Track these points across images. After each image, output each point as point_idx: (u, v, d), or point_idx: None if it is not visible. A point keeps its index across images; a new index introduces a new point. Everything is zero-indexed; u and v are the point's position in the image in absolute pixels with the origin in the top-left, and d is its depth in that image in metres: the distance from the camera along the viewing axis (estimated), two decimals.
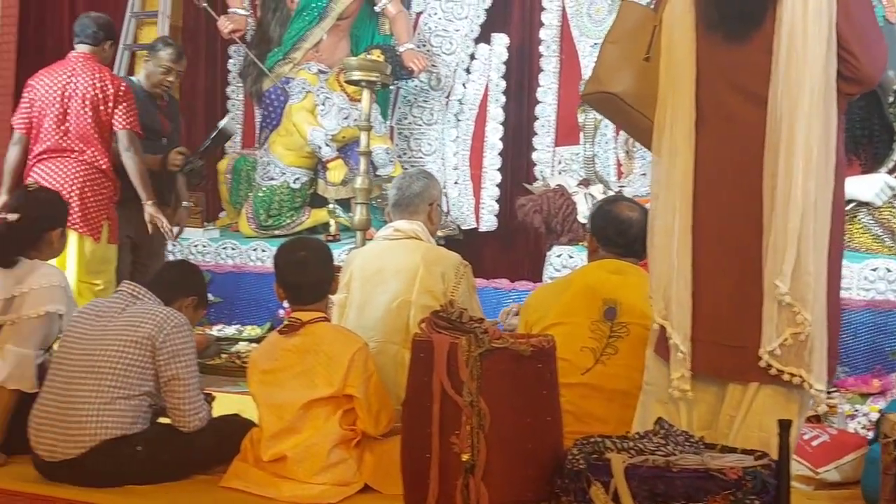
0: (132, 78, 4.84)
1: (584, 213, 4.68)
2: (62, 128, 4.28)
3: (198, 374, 2.85)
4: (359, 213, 4.68)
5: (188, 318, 2.87)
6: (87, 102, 4.28)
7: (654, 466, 2.01)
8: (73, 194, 4.08)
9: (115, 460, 2.69)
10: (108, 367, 2.72)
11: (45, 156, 4.28)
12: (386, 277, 3.15)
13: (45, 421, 2.74)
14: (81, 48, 4.39)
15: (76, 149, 4.26)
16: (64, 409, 2.72)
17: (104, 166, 4.27)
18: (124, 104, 4.32)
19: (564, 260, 4.82)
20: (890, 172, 4.37)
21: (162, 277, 3.07)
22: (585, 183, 5.11)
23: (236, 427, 2.86)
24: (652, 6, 2.47)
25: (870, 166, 4.51)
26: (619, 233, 2.91)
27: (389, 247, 3.24)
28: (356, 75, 4.65)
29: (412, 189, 3.31)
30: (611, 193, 4.76)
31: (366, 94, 4.66)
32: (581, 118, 5.12)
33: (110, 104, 4.30)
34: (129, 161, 4.27)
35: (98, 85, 4.28)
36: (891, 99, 4.39)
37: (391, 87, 5.78)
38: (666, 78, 2.32)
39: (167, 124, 4.72)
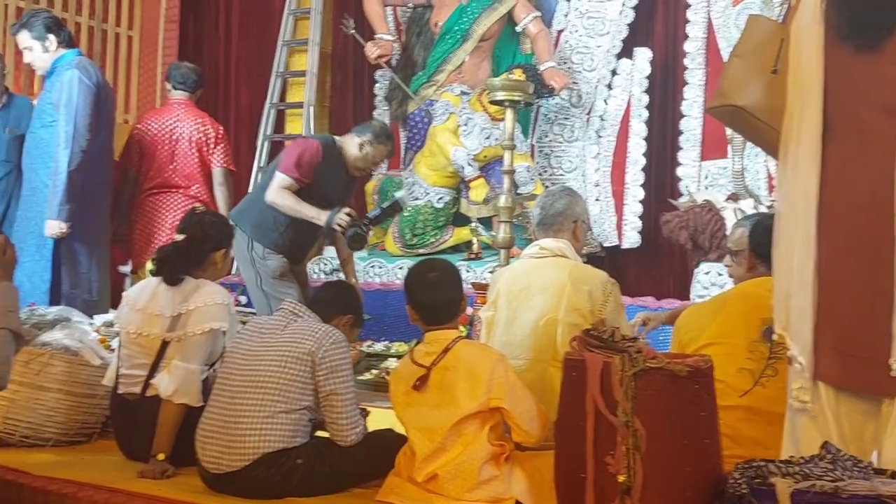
0: (336, 138, 4.46)
1: None
2: (171, 167, 4.96)
3: (355, 389, 2.91)
4: (502, 232, 4.69)
5: (345, 336, 2.94)
6: (192, 145, 4.99)
7: (821, 492, 1.93)
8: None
9: (276, 473, 2.76)
10: (270, 383, 2.79)
11: (155, 190, 4.97)
12: (532, 295, 3.15)
13: (211, 434, 2.83)
14: (180, 94, 5.09)
15: (183, 185, 4.97)
16: (228, 423, 2.80)
17: (206, 199, 4.92)
18: (222, 146, 5.07)
19: (713, 277, 4.72)
20: None
21: (321, 297, 3.15)
22: (734, 197, 4.98)
23: (390, 442, 2.90)
24: (780, 20, 2.43)
25: None
26: None
27: (535, 265, 3.24)
28: (500, 95, 4.69)
29: (555, 207, 3.30)
30: (762, 208, 4.62)
31: (509, 114, 4.69)
32: (729, 131, 4.99)
33: (211, 145, 5.03)
34: (220, 196, 5.01)
35: (202, 129, 5.02)
36: None
37: (532, 106, 5.80)
38: (793, 90, 2.27)
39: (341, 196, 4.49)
